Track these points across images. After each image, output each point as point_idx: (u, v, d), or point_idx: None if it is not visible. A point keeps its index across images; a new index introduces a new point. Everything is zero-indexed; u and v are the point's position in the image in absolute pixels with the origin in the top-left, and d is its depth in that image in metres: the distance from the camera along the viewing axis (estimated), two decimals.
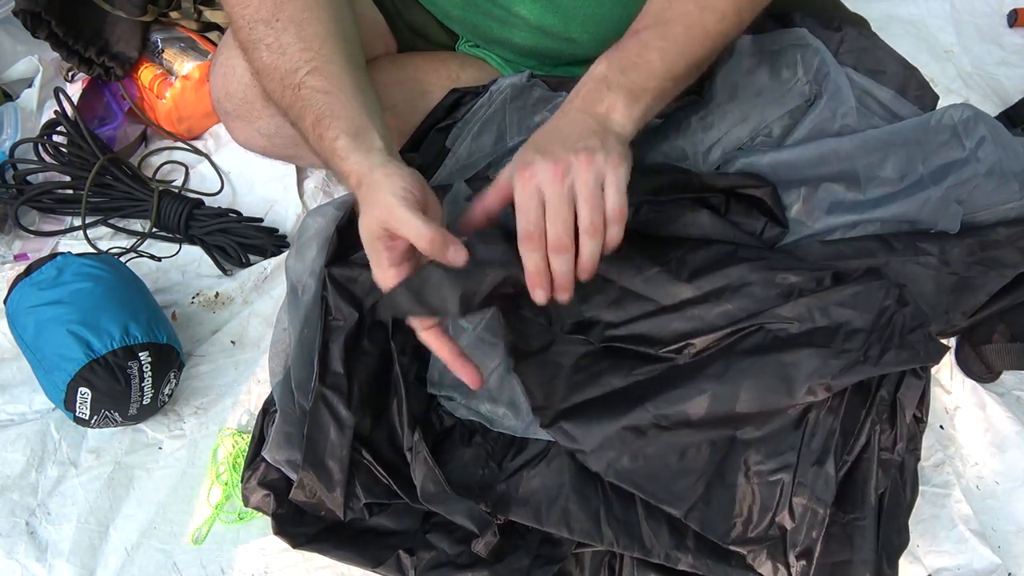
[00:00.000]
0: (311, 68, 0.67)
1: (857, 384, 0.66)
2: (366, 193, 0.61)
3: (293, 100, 0.67)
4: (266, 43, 0.69)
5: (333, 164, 0.65)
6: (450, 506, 0.68)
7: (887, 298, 0.65)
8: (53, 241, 1.10)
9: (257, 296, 1.00)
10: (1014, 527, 0.78)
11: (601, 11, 0.79)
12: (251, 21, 0.69)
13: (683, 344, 0.68)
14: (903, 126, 0.75)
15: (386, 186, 0.59)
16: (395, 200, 0.58)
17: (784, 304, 0.66)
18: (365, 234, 0.61)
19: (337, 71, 0.68)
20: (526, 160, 0.58)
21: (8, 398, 0.92)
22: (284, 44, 0.68)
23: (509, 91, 0.82)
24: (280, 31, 0.68)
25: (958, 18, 1.29)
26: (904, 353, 0.64)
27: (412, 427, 0.71)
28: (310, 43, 0.68)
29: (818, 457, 0.64)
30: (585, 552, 0.70)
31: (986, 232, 0.72)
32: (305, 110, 0.66)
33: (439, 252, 0.56)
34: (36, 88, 1.22)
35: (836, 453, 0.64)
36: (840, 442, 0.65)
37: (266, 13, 0.69)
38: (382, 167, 0.61)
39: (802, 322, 0.65)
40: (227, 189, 1.14)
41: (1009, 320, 0.80)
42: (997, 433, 0.82)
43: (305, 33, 0.68)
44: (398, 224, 0.58)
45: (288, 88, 0.67)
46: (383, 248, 0.59)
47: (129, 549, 0.80)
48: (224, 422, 0.88)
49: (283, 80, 0.68)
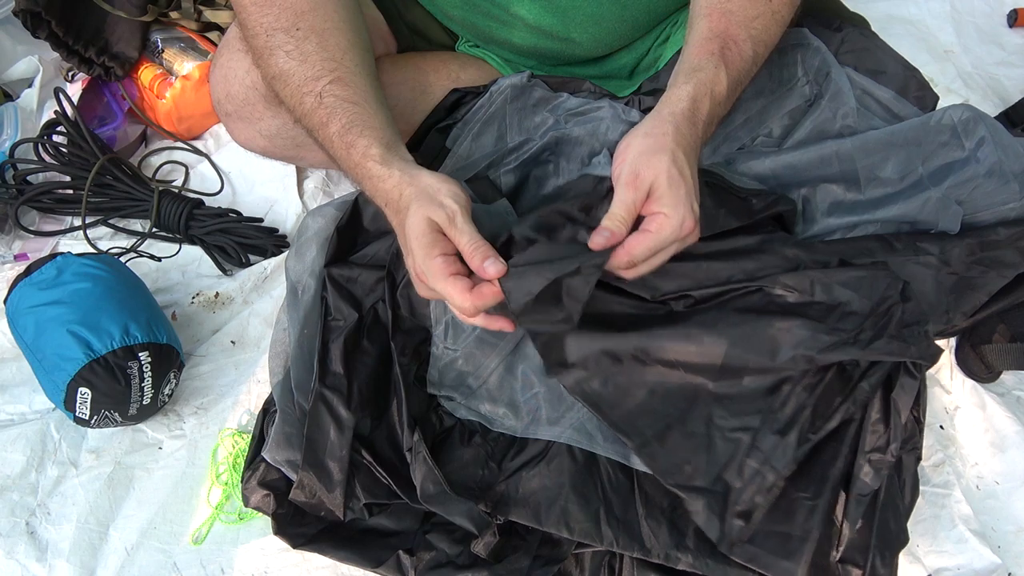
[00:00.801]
0: (334, 77, 0.67)
1: (840, 370, 0.66)
2: (418, 194, 0.61)
3: (314, 107, 0.67)
4: (285, 50, 0.69)
5: (363, 172, 0.65)
6: (449, 507, 0.68)
7: (890, 289, 0.66)
8: (53, 241, 1.10)
9: (257, 296, 1.00)
10: (1014, 527, 0.78)
11: (600, 11, 0.79)
12: (269, 29, 0.69)
13: (682, 295, 0.68)
14: (903, 127, 0.75)
15: (445, 192, 0.60)
16: (457, 208, 0.59)
17: (788, 272, 0.66)
18: (417, 231, 0.60)
19: (362, 83, 0.68)
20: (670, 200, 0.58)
21: (8, 398, 0.92)
22: (306, 52, 0.68)
23: (509, 91, 0.82)
24: (301, 39, 0.68)
25: (958, 18, 1.29)
26: (895, 344, 0.64)
27: (412, 427, 0.71)
28: (333, 53, 0.68)
29: (782, 427, 0.65)
30: (585, 552, 0.70)
31: (986, 232, 0.72)
32: (331, 118, 0.66)
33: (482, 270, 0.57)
34: (36, 88, 1.22)
35: (802, 429, 0.65)
36: (809, 420, 0.65)
37: (286, 22, 0.69)
38: (433, 175, 0.62)
39: (802, 292, 0.66)
40: (227, 189, 1.14)
41: (1009, 320, 0.80)
42: (997, 433, 0.82)
43: (328, 43, 0.69)
44: (457, 233, 0.59)
45: (308, 95, 0.67)
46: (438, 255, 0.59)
47: (129, 549, 0.80)
48: (224, 422, 0.88)
49: (302, 87, 0.68)
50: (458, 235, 0.59)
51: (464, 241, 0.59)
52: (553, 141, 0.79)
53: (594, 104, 0.80)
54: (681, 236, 0.59)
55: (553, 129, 0.79)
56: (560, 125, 0.79)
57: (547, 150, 0.80)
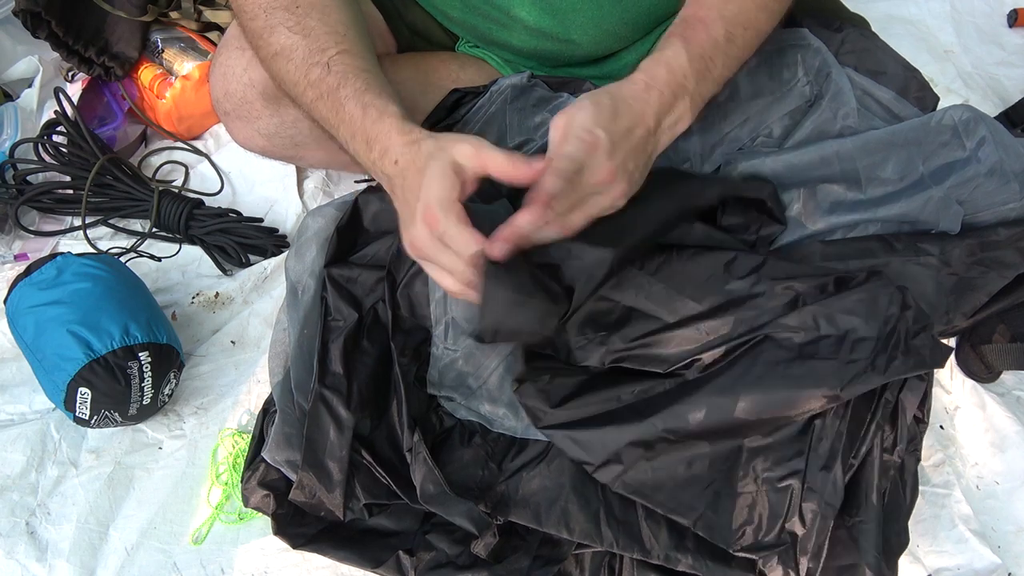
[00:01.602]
0: (341, 49, 0.66)
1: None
2: (439, 143, 0.59)
3: (322, 75, 0.66)
4: (287, 26, 0.68)
5: (381, 128, 0.63)
6: (450, 507, 0.68)
7: (891, 304, 0.65)
8: (53, 241, 1.10)
9: (257, 296, 1.00)
10: (1014, 527, 0.78)
11: (600, 13, 0.79)
12: (268, 8, 0.69)
13: (691, 360, 0.67)
14: (904, 127, 0.75)
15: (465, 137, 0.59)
16: (481, 141, 0.58)
17: (789, 314, 0.66)
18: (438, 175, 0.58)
19: (369, 56, 0.68)
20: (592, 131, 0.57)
21: (8, 398, 0.92)
22: (308, 27, 0.68)
23: (509, 92, 0.82)
24: (302, 15, 0.68)
25: (958, 18, 1.29)
26: (911, 360, 0.63)
27: (412, 428, 0.71)
28: (335, 27, 0.68)
29: (825, 462, 0.64)
30: (585, 553, 0.70)
31: (987, 232, 0.72)
32: (343, 82, 0.65)
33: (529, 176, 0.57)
34: (36, 88, 1.22)
35: (842, 457, 0.64)
36: (846, 446, 0.65)
37: (286, 0, 0.69)
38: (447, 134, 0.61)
39: (807, 331, 0.65)
40: (227, 189, 1.14)
41: (1009, 320, 0.80)
42: (997, 433, 0.82)
43: (329, 19, 0.68)
44: (489, 157, 0.57)
45: (316, 65, 0.66)
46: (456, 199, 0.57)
47: (129, 549, 0.80)
48: (224, 422, 0.88)
49: (308, 59, 0.67)
50: (491, 158, 0.57)
51: (501, 159, 0.57)
52: None
53: None
54: (605, 179, 0.58)
55: None
56: None
57: (547, 150, 0.80)
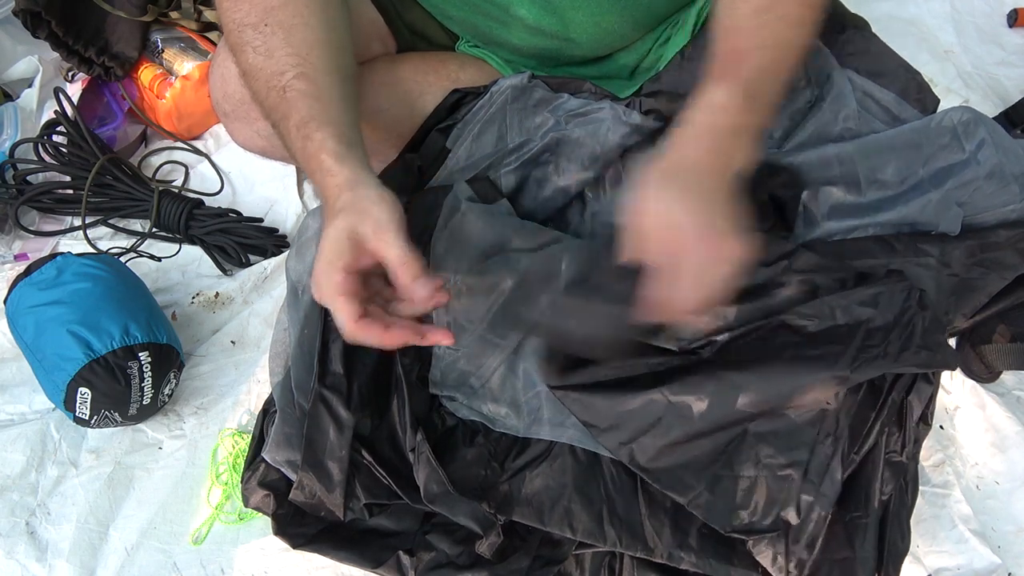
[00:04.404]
0: (298, 73, 0.67)
1: (870, 385, 0.66)
2: (353, 201, 0.59)
3: (278, 101, 0.67)
4: (253, 46, 0.69)
5: (315, 165, 0.64)
6: (454, 507, 0.68)
7: (909, 300, 0.65)
8: (53, 241, 1.10)
9: (257, 296, 1.00)
10: (1014, 527, 0.78)
11: (599, 11, 0.79)
12: (240, 25, 0.70)
13: (706, 342, 0.68)
14: (904, 129, 0.75)
15: (382, 204, 0.58)
16: (389, 221, 0.57)
17: (806, 303, 0.66)
18: (332, 237, 0.58)
19: (326, 80, 0.68)
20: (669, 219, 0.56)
21: (8, 398, 0.92)
22: (271, 47, 0.68)
23: (509, 92, 0.82)
24: (268, 35, 0.68)
25: (958, 18, 1.29)
26: (923, 355, 0.64)
27: (415, 428, 0.71)
28: (298, 48, 0.68)
29: (829, 455, 0.65)
30: (585, 553, 0.70)
31: (986, 234, 0.72)
32: (291, 111, 0.66)
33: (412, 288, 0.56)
34: (36, 88, 1.22)
35: (843, 453, 0.65)
36: (848, 442, 0.65)
37: (255, 18, 0.69)
38: (377, 186, 0.60)
39: (823, 319, 0.65)
40: (227, 189, 1.14)
41: (1009, 320, 0.80)
42: (997, 433, 0.82)
43: (294, 39, 0.68)
44: (384, 245, 0.56)
45: (273, 90, 0.67)
46: (341, 268, 0.57)
47: (129, 549, 0.80)
48: (224, 422, 0.88)
49: (268, 82, 0.68)
50: (385, 247, 0.56)
51: (393, 254, 0.56)
52: (553, 142, 0.79)
53: (595, 105, 0.80)
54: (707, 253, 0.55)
55: (553, 130, 0.79)
56: (560, 126, 0.79)
57: (547, 151, 0.80)
